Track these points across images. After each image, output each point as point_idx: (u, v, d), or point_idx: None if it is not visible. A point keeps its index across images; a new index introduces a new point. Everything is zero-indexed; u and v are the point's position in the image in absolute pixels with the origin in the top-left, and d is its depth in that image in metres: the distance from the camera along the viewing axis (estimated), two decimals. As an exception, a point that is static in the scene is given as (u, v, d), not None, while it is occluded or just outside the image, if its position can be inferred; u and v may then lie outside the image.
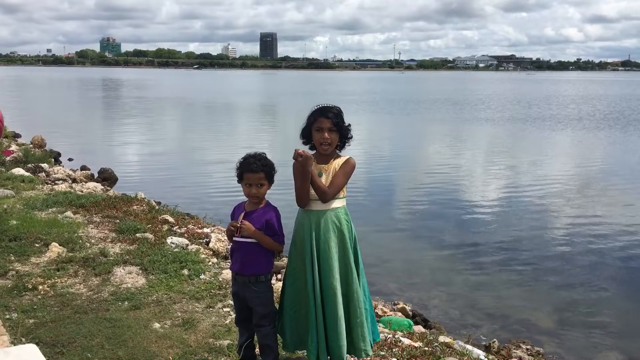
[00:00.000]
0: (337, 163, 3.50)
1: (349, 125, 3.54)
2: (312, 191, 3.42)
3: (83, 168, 14.36)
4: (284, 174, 3.79)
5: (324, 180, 3.44)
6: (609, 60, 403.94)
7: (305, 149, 3.44)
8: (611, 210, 12.14)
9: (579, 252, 9.41)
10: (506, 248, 9.49)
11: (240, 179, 3.49)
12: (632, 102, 50.89)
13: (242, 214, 3.51)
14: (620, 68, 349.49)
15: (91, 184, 11.52)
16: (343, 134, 3.49)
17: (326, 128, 3.41)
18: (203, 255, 6.40)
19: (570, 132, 26.90)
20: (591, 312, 7.23)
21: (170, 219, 8.05)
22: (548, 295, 7.69)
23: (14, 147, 15.25)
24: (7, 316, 4.54)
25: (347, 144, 3.56)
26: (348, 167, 3.48)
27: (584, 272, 8.55)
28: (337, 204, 3.50)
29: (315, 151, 3.54)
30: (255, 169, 3.43)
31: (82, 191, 10.09)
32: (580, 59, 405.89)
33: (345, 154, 3.61)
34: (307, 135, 3.53)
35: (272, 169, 3.49)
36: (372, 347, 3.69)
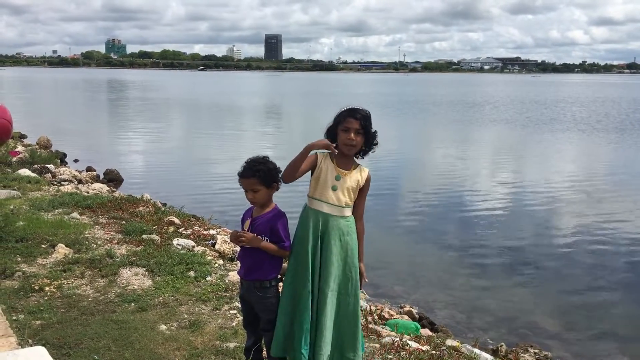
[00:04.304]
0: (359, 176, 3.43)
1: (376, 132, 3.44)
2: (330, 194, 3.35)
3: (89, 169, 14.40)
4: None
5: (339, 186, 3.35)
6: (615, 63, 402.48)
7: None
8: (618, 214, 12.07)
9: (586, 255, 9.36)
10: (512, 251, 9.44)
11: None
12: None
13: (248, 221, 3.46)
14: (626, 71, 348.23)
15: (97, 185, 11.55)
16: (369, 139, 3.41)
17: (353, 129, 3.32)
18: (209, 257, 6.38)
19: (582, 135, 26.77)
20: (599, 316, 7.18)
21: (176, 221, 8.04)
22: (555, 299, 7.64)
23: (20, 148, 15.29)
24: (14, 317, 4.53)
25: (371, 151, 3.47)
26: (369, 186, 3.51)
27: (592, 275, 8.51)
28: (349, 213, 3.42)
29: (330, 152, 3.46)
30: (246, 175, 3.34)
31: (88, 192, 10.11)
32: (586, 62, 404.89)
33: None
34: (332, 134, 3.43)
35: (267, 173, 3.35)
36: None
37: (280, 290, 3.57)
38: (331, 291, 3.34)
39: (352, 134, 3.33)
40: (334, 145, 3.35)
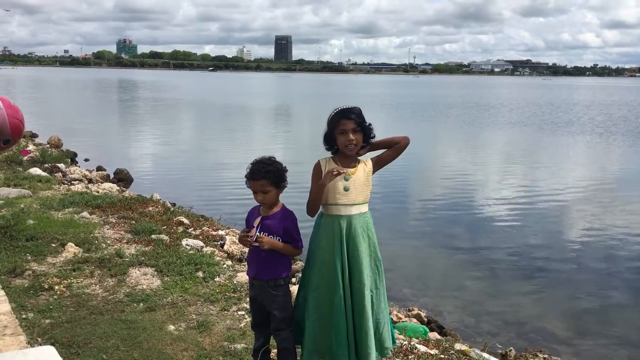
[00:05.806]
0: (366, 168, 3.46)
1: (370, 124, 3.47)
2: (343, 195, 3.37)
3: (99, 168, 14.48)
4: (298, 176, 3.78)
5: (351, 185, 3.38)
6: (627, 66, 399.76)
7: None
8: (627, 218, 11.95)
9: (597, 260, 9.27)
10: (521, 255, 9.38)
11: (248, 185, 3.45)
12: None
13: (259, 219, 3.45)
14: (637, 74, 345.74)
15: (107, 185, 11.61)
16: (366, 134, 3.43)
17: (350, 129, 3.35)
18: (218, 258, 6.39)
19: (600, 138, 26.48)
20: (609, 321, 7.11)
21: (185, 221, 8.06)
22: (565, 304, 7.58)
23: (31, 147, 15.40)
24: (24, 316, 4.55)
25: (370, 143, 3.49)
26: None
27: (602, 280, 8.43)
28: (365, 208, 3.46)
29: (333, 155, 3.50)
30: (256, 177, 3.35)
31: (98, 192, 10.15)
32: (597, 65, 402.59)
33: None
34: (330, 140, 3.46)
35: (276, 174, 3.36)
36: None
37: (291, 288, 3.59)
38: (366, 289, 3.41)
39: (350, 134, 3.36)
40: (337, 169, 3.36)
